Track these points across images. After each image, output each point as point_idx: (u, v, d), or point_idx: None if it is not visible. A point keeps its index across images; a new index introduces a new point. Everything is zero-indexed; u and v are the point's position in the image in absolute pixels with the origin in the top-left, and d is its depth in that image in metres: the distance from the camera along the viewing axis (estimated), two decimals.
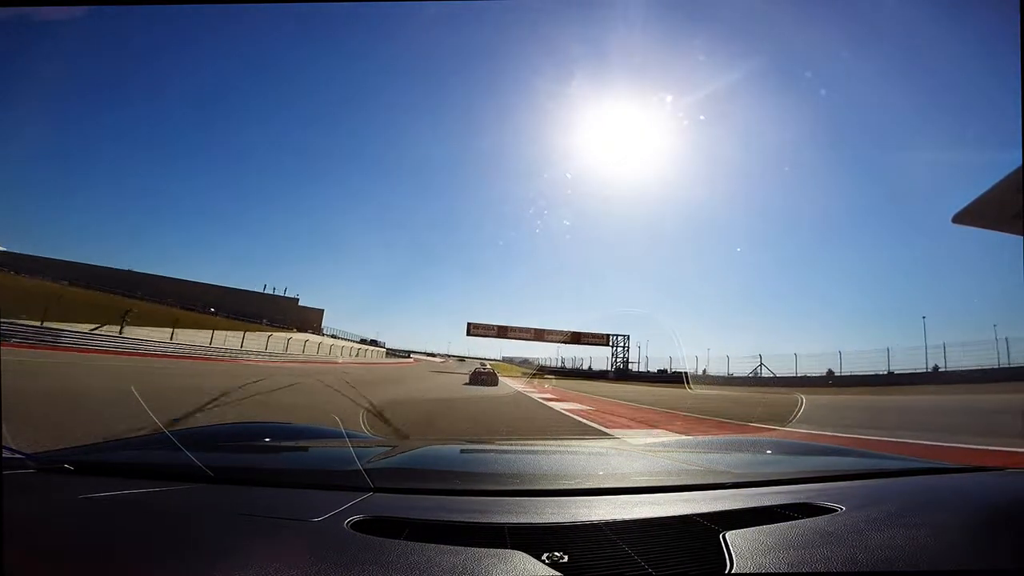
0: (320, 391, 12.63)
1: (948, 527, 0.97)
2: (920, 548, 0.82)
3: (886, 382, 25.89)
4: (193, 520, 0.90)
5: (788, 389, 23.48)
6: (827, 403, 15.21)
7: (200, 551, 0.74)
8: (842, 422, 9.19)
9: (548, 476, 1.44)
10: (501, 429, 7.83)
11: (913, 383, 23.43)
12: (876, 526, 0.92)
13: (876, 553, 0.79)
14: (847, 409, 12.65)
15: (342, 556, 0.72)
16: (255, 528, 0.85)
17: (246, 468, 1.35)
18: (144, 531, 0.84)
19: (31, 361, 11.58)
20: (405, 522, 0.86)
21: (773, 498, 1.12)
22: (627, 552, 0.78)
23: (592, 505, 1.04)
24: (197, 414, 6.50)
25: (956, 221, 2.00)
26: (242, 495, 1.06)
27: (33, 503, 0.94)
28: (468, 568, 0.69)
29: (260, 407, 8.65)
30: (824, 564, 0.74)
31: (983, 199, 1.88)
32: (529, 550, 0.75)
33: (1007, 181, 1.72)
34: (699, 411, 12.19)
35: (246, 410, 7.91)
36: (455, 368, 45.01)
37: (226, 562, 0.69)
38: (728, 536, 0.83)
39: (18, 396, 5.50)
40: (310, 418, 7.40)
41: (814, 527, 0.91)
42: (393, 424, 7.15)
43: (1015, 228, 1.80)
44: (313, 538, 0.80)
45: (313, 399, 10.67)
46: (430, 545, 0.76)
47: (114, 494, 0.97)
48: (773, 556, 0.76)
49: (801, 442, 3.76)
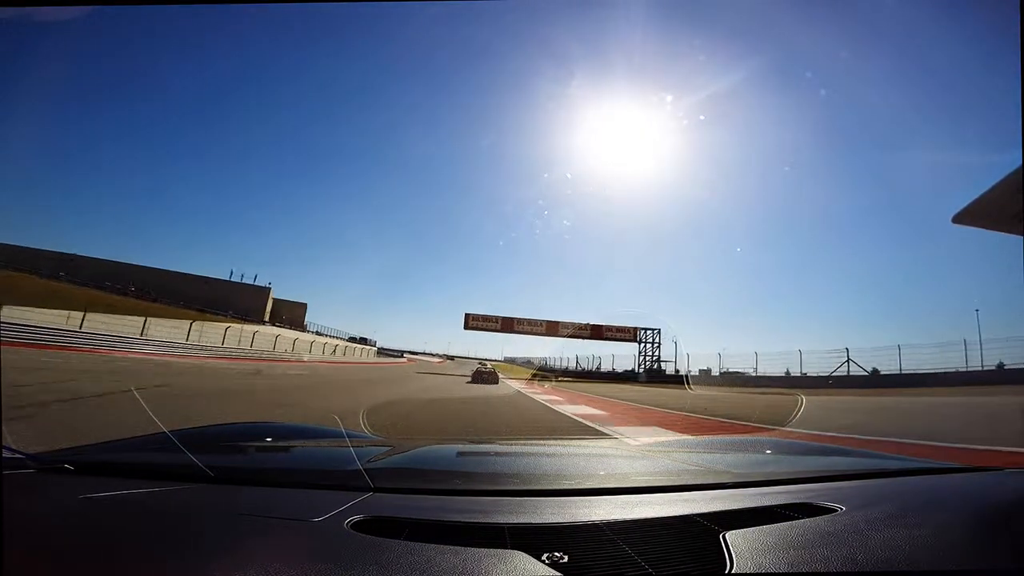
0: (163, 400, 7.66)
1: (948, 527, 0.97)
2: (920, 548, 0.82)
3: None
4: (193, 520, 0.90)
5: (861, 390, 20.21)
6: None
7: (200, 551, 0.74)
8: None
9: (548, 476, 1.44)
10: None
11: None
12: (876, 526, 0.92)
13: (876, 553, 0.79)
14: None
15: (342, 556, 0.72)
16: (255, 528, 0.85)
17: (246, 468, 1.35)
18: (144, 531, 0.84)
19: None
20: (405, 522, 0.86)
21: (773, 498, 1.12)
22: (627, 552, 0.78)
23: (592, 505, 1.04)
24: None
25: (956, 221, 2.01)
26: (242, 495, 1.06)
27: (33, 503, 0.94)
28: (468, 568, 0.69)
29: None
30: (824, 564, 0.74)
31: (983, 199, 1.89)
32: (529, 550, 0.75)
33: (1007, 181, 1.72)
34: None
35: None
36: (451, 370, 40.55)
37: (226, 562, 0.70)
38: (728, 536, 0.83)
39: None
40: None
41: (814, 527, 0.91)
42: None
43: (1015, 228, 1.81)
44: (313, 538, 0.80)
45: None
46: (430, 545, 0.76)
47: (114, 494, 0.97)
48: (773, 556, 0.76)
49: (801, 442, 3.77)
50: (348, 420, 7.00)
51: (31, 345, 15.93)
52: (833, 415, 10.64)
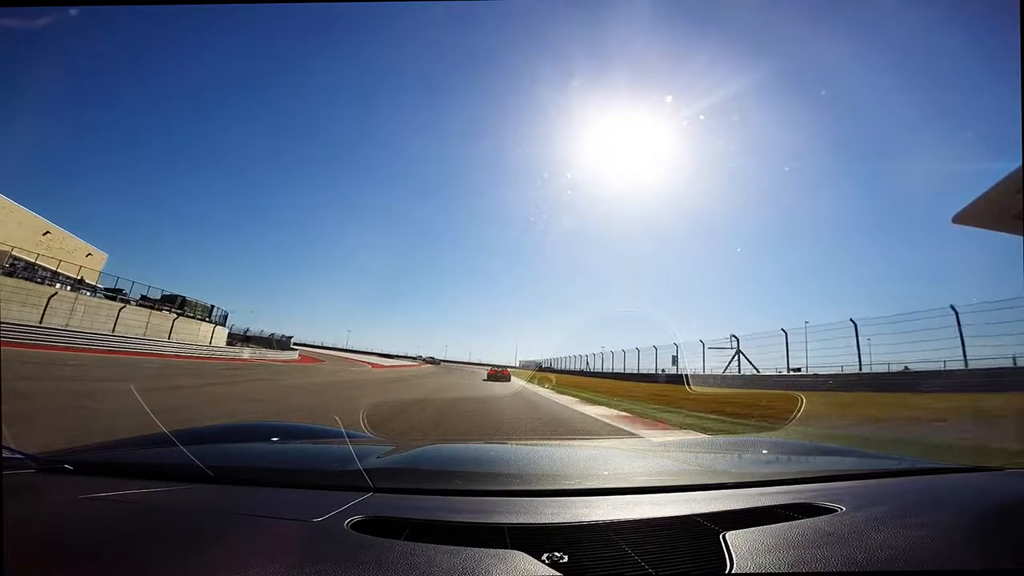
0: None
1: (948, 527, 0.97)
2: (920, 548, 0.82)
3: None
4: (193, 520, 0.90)
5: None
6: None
7: (200, 551, 0.74)
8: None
9: (548, 476, 1.44)
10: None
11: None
12: (876, 526, 0.92)
13: (876, 553, 0.79)
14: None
15: (342, 556, 0.72)
16: (255, 528, 0.85)
17: (246, 468, 1.35)
18: (144, 531, 0.84)
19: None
20: (405, 522, 0.86)
21: (773, 498, 1.12)
22: (627, 552, 0.78)
23: (592, 505, 1.04)
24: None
25: (956, 221, 2.00)
26: (242, 495, 1.05)
27: (33, 503, 0.94)
28: (468, 568, 0.69)
29: None
30: (824, 564, 0.74)
31: (983, 199, 1.89)
32: (529, 550, 0.75)
33: (1007, 181, 1.72)
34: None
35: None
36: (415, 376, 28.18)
37: (226, 562, 0.69)
38: (728, 536, 0.83)
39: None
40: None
41: (814, 527, 0.91)
42: None
43: (1015, 228, 1.80)
44: (313, 538, 0.80)
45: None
46: (430, 545, 0.76)
47: (114, 494, 0.97)
48: (773, 556, 0.76)
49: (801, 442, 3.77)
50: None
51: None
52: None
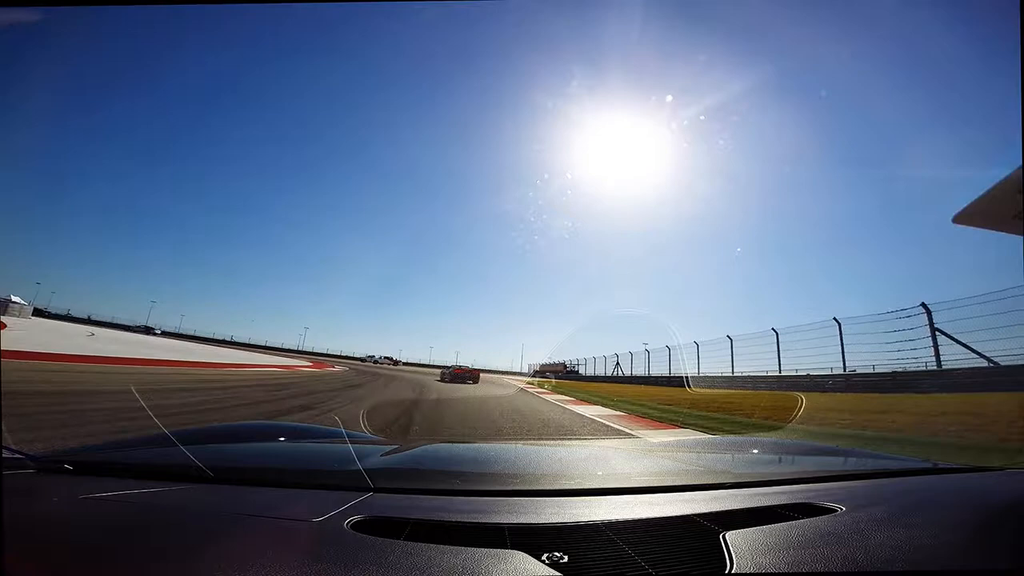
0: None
1: (948, 527, 0.97)
2: (920, 548, 0.82)
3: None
4: (193, 520, 0.89)
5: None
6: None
7: (200, 551, 0.74)
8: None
9: (548, 476, 1.44)
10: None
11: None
12: (876, 526, 0.92)
13: (876, 553, 0.79)
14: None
15: (342, 556, 0.72)
16: (255, 528, 0.85)
17: (246, 468, 1.34)
18: (144, 531, 0.84)
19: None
20: (405, 522, 0.86)
21: (773, 498, 1.12)
22: (627, 552, 0.78)
23: (592, 505, 1.04)
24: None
25: (956, 221, 2.00)
26: (242, 495, 1.05)
27: (33, 503, 0.94)
28: (468, 568, 0.69)
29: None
30: (824, 564, 0.74)
31: (983, 199, 1.88)
32: (529, 550, 0.75)
33: (1007, 181, 1.71)
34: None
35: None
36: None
37: (226, 562, 0.69)
38: (728, 536, 0.83)
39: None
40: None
41: (814, 527, 0.91)
42: None
43: (1015, 228, 1.80)
44: (313, 538, 0.80)
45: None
46: (430, 545, 0.76)
47: (114, 494, 0.97)
48: (773, 556, 0.76)
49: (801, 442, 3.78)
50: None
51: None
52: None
